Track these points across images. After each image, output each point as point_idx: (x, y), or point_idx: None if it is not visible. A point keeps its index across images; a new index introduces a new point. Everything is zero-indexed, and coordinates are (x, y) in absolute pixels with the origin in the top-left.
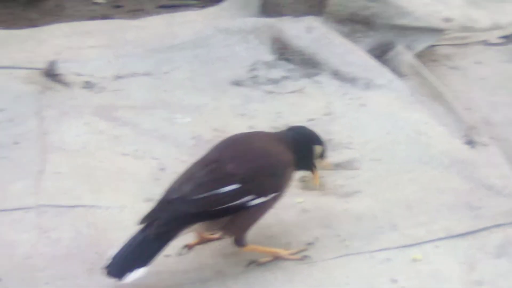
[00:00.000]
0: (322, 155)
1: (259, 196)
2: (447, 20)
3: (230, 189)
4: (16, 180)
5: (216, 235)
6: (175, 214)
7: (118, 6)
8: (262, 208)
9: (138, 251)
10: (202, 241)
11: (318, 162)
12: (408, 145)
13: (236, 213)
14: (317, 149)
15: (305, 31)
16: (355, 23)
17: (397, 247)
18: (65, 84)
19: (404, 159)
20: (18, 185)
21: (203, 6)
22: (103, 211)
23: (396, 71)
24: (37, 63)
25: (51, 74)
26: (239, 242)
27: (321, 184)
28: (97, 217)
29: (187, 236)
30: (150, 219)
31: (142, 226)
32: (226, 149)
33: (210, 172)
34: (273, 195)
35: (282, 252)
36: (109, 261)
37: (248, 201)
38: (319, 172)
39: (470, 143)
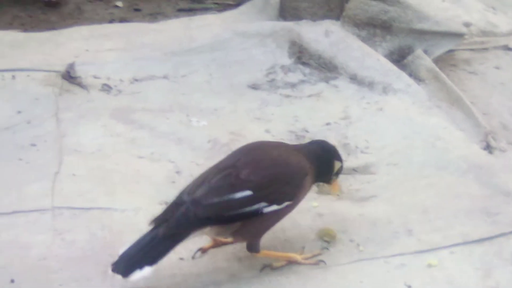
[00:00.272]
0: (338, 173)
1: (272, 204)
2: (467, 24)
3: (242, 196)
4: (32, 182)
5: (230, 239)
6: (186, 217)
7: (137, 10)
8: (275, 216)
9: (146, 251)
10: (217, 244)
11: (332, 181)
12: (425, 150)
13: (248, 219)
14: (336, 165)
15: (323, 35)
16: (373, 27)
17: (412, 253)
18: (82, 86)
19: (421, 164)
20: (34, 187)
21: (222, 10)
22: (118, 213)
23: (414, 75)
24: (56, 65)
25: (69, 76)
26: (252, 248)
27: (340, 191)
28: (112, 220)
29: (202, 239)
30: (160, 221)
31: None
32: (243, 155)
33: (224, 177)
34: (286, 203)
35: (296, 256)
36: (117, 258)
37: (260, 208)
38: (338, 181)
39: (488, 148)
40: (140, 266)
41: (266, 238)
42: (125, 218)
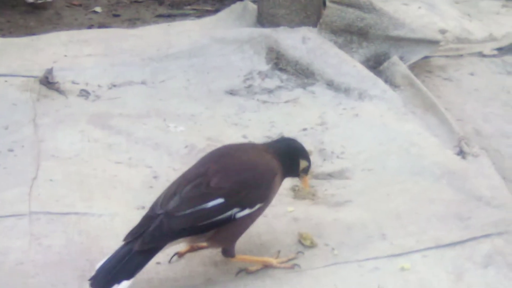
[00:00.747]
0: (305, 171)
1: (244, 208)
2: (442, 31)
3: (215, 204)
4: (9, 187)
5: (206, 244)
6: (160, 230)
7: (116, 15)
8: (248, 219)
9: (122, 265)
10: (193, 249)
11: (302, 176)
12: (400, 155)
13: (221, 226)
14: (302, 163)
15: (300, 41)
16: (350, 34)
17: (386, 257)
18: (60, 92)
19: (395, 169)
20: (11, 192)
21: (200, 16)
22: (95, 218)
23: (390, 82)
24: (34, 71)
25: (47, 82)
26: (227, 253)
27: (310, 192)
28: (89, 225)
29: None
30: (135, 235)
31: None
32: (212, 162)
33: (195, 187)
34: (258, 205)
35: (271, 260)
36: (94, 273)
37: (233, 214)
38: (308, 179)
39: (461, 154)
40: (118, 280)
41: (242, 243)
42: (102, 223)
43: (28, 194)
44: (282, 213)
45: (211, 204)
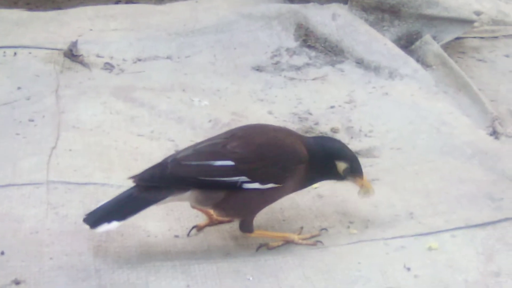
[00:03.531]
0: (350, 172)
1: (254, 181)
2: (477, 13)
3: (222, 164)
4: (28, 156)
5: (227, 218)
6: (161, 174)
7: None
8: (259, 196)
9: (119, 206)
10: (212, 223)
11: (351, 179)
12: (430, 134)
13: (228, 191)
14: (340, 165)
15: (330, 18)
16: (381, 12)
17: (413, 235)
18: (84, 65)
19: (425, 148)
20: (30, 161)
21: None
22: (114, 189)
23: (422, 61)
24: (58, 43)
25: (71, 54)
26: (243, 227)
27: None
28: (107, 195)
29: (197, 218)
30: (139, 177)
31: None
32: (238, 131)
33: (211, 145)
34: (271, 185)
35: (293, 236)
36: (91, 211)
37: (240, 181)
38: (363, 180)
39: (494, 134)
40: (108, 220)
41: (264, 218)
42: None
43: (47, 163)
44: (306, 189)
45: (219, 163)
